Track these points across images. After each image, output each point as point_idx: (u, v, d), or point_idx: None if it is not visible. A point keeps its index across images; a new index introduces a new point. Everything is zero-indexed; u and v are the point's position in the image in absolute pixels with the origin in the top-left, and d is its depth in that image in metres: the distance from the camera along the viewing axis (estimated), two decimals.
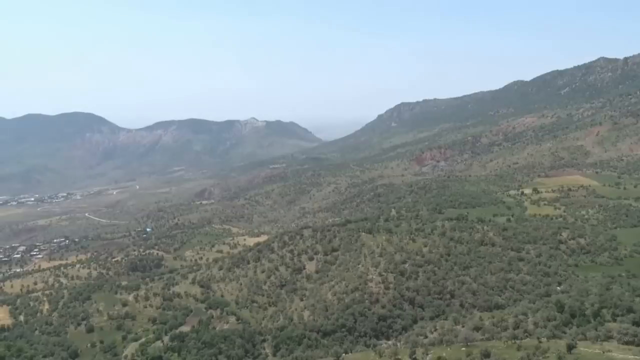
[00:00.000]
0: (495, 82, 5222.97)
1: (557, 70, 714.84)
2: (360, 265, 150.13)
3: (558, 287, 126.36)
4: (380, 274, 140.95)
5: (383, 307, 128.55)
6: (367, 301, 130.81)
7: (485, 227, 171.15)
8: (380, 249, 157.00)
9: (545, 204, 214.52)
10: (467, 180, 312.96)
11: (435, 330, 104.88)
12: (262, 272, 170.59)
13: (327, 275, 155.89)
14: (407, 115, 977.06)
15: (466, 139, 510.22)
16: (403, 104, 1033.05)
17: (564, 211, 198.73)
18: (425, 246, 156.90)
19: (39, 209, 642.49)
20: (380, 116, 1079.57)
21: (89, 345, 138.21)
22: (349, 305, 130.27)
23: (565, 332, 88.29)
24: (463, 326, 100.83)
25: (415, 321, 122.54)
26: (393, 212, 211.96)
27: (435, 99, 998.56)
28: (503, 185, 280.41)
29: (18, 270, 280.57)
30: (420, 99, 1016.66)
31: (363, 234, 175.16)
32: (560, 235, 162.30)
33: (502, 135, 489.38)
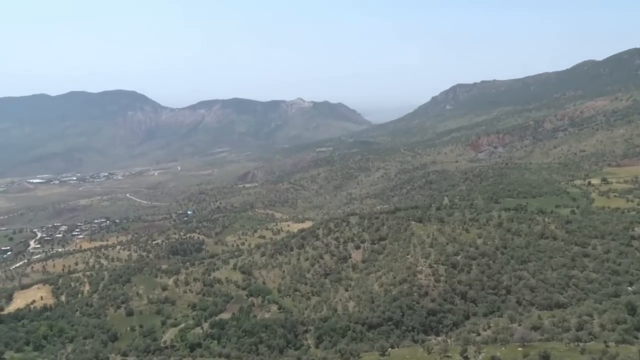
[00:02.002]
0: (562, 62, 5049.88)
1: (636, 48, 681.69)
2: (409, 256, 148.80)
3: (629, 288, 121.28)
4: (430, 266, 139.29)
5: (433, 300, 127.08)
6: (415, 294, 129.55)
7: (546, 219, 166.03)
8: (431, 239, 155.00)
9: (615, 196, 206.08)
10: (527, 168, 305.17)
11: (489, 327, 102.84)
12: (306, 259, 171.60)
13: (374, 265, 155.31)
14: (464, 98, 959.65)
15: (527, 124, 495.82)
16: (459, 86, 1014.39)
17: (638, 204, 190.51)
18: (480, 237, 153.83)
19: (80, 189, 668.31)
20: (434, 98, 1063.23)
21: (128, 328, 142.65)
22: (397, 297, 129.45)
23: (637, 337, 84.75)
24: (519, 325, 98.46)
25: (467, 317, 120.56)
26: (446, 200, 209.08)
27: (494, 80, 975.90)
28: (568, 174, 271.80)
29: (60, 249, 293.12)
30: (478, 80, 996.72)
31: (413, 222, 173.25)
32: (633, 230, 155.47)
33: (568, 119, 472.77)
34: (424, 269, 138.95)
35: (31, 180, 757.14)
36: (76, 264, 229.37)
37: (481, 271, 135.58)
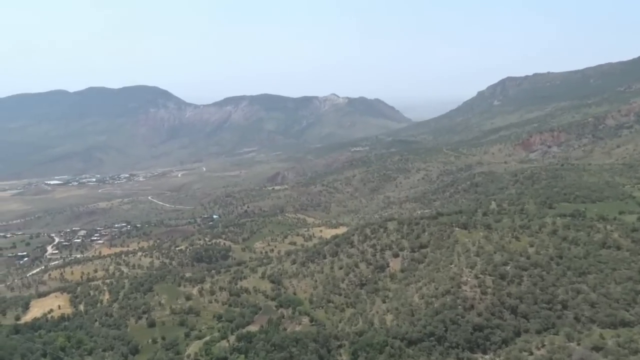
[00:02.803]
0: (626, 51, 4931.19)
1: None
2: (452, 265, 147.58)
3: None
4: (476, 276, 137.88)
5: (479, 314, 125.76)
6: (460, 307, 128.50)
7: (608, 227, 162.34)
8: (477, 248, 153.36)
9: None
10: (585, 169, 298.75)
11: (543, 346, 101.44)
12: (340, 268, 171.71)
13: (414, 275, 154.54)
14: (513, 92, 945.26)
15: (586, 121, 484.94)
16: (509, 79, 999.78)
17: None
18: (532, 246, 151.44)
19: (100, 191, 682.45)
20: (480, 93, 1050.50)
21: (150, 340, 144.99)
22: (439, 310, 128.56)
23: None
24: (578, 344, 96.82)
25: (517, 334, 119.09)
26: (493, 205, 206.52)
27: (548, 73, 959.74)
28: (633, 176, 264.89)
29: (78, 255, 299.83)
30: (530, 73, 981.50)
31: (457, 229, 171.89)
32: None
33: (634, 116, 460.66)
34: (469, 279, 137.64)
35: (49, 182, 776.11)
36: (95, 271, 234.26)
37: (533, 283, 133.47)
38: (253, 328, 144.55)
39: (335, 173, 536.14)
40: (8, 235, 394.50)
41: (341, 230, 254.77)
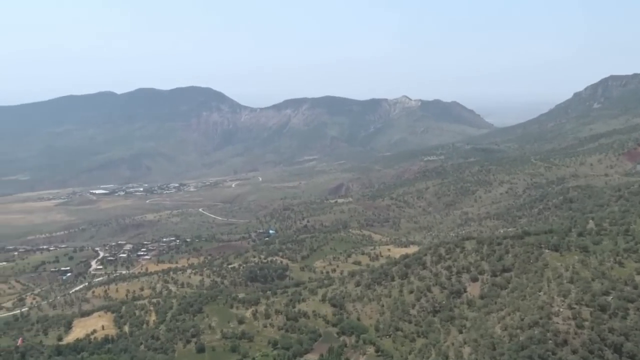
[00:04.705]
0: None
1: None
2: (541, 293, 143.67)
3: None
4: (570, 307, 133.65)
5: (574, 352, 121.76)
6: (551, 342, 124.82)
7: None
8: (571, 273, 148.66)
9: None
10: None
11: None
12: (410, 292, 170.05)
13: (496, 303, 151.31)
14: (617, 93, 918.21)
15: None
16: (612, 78, 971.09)
17: None
18: (639, 274, 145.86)
19: (148, 201, 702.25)
20: (577, 95, 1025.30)
21: None
22: (526, 344, 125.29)
23: None
24: None
25: None
26: (591, 224, 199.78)
27: None
28: None
29: (124, 272, 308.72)
30: (638, 71, 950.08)
31: (547, 251, 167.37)
32: None
33: None
34: (561, 310, 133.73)
35: (94, 191, 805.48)
36: (141, 289, 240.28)
37: None
38: (312, 357, 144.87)
39: (406, 185, 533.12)
40: (51, 248, 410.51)
41: (412, 249, 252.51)
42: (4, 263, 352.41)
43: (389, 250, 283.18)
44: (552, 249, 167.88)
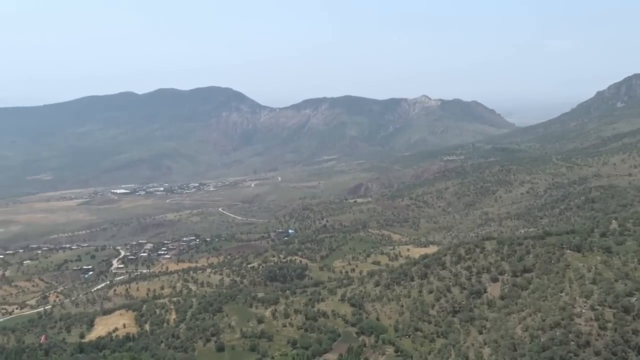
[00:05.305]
0: None
1: None
2: (563, 294, 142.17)
3: None
4: (593, 308, 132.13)
5: (597, 353, 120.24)
6: (573, 343, 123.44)
7: None
8: (594, 274, 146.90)
9: None
10: None
11: None
12: (430, 292, 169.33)
13: (516, 303, 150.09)
14: None
15: None
16: (636, 76, 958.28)
17: None
18: None
19: (168, 201, 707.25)
20: (599, 93, 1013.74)
21: None
22: (547, 346, 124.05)
23: None
24: None
25: None
26: (614, 224, 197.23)
27: None
28: None
29: (144, 270, 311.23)
30: None
31: (568, 251, 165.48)
32: None
33: None
34: (583, 311, 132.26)
35: (115, 191, 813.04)
36: (162, 288, 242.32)
37: None
38: (331, 357, 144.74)
39: (426, 185, 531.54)
40: (74, 247, 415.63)
41: (431, 249, 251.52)
42: (28, 261, 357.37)
43: (408, 250, 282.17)
44: (574, 250, 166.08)
